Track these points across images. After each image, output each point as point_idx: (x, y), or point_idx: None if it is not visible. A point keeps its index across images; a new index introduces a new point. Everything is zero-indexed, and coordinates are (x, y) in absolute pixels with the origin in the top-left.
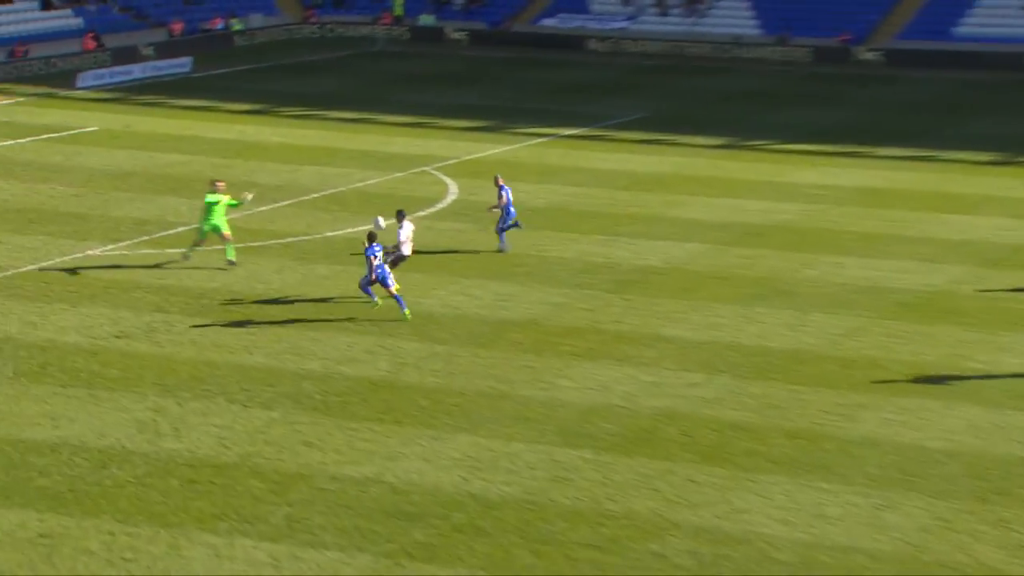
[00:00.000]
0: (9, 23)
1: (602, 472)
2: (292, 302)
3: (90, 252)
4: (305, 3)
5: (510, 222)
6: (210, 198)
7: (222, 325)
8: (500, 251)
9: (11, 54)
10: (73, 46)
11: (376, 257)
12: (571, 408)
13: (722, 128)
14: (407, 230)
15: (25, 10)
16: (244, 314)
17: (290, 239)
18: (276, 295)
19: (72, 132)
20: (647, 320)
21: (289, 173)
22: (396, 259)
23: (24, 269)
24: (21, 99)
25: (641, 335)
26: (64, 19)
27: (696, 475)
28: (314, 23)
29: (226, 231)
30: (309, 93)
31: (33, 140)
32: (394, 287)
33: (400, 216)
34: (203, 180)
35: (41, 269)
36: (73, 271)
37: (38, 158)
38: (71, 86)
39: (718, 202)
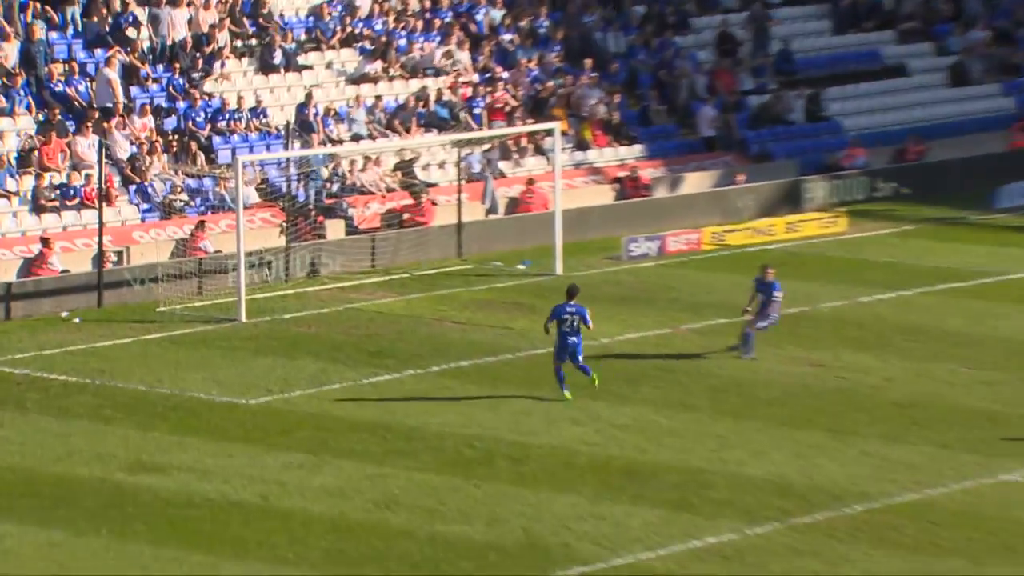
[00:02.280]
0: (906, 104)
1: None
2: None
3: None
4: None
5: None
6: None
7: None
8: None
9: (900, 154)
10: (990, 142)
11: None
12: None
13: None
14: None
15: (925, 87)
16: None
17: None
18: None
19: (982, 281)
20: None
21: None
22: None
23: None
24: (910, 227)
25: None
26: (984, 99)
27: None
28: None
29: None
30: None
31: (922, 291)
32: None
33: None
34: None
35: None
36: None
37: (927, 320)
38: (985, 206)
39: None
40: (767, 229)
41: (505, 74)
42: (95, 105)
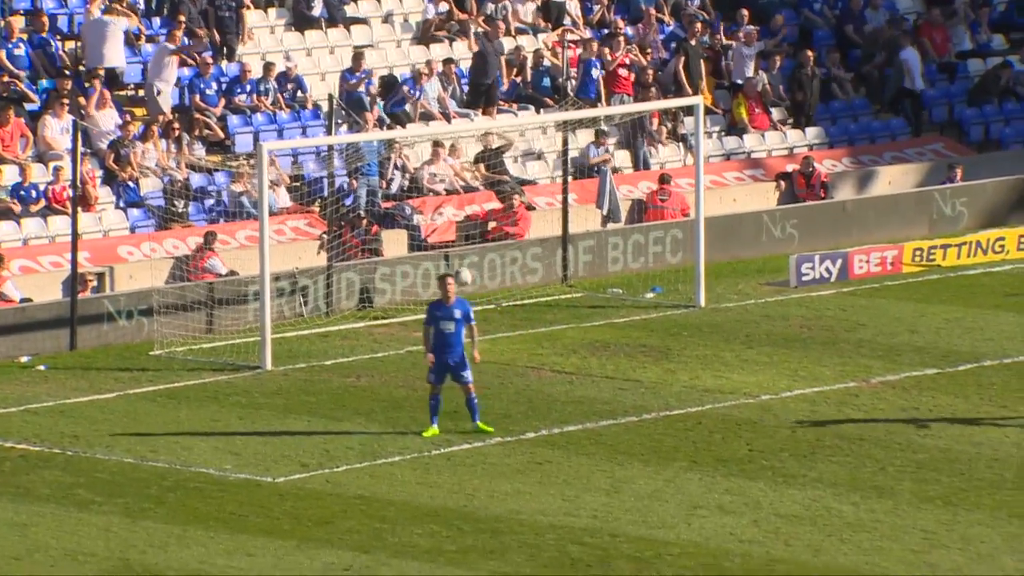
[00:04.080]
0: None
1: None
2: None
3: None
4: None
5: None
6: None
7: None
8: None
9: None
10: None
11: None
12: None
13: None
14: None
15: None
16: None
17: None
18: None
19: None
20: None
21: None
22: None
23: None
24: None
25: None
26: None
27: None
28: None
29: None
30: None
31: None
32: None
33: None
34: None
35: None
36: None
37: None
38: None
39: None
40: (993, 244)
41: (629, 30)
42: (69, 72)
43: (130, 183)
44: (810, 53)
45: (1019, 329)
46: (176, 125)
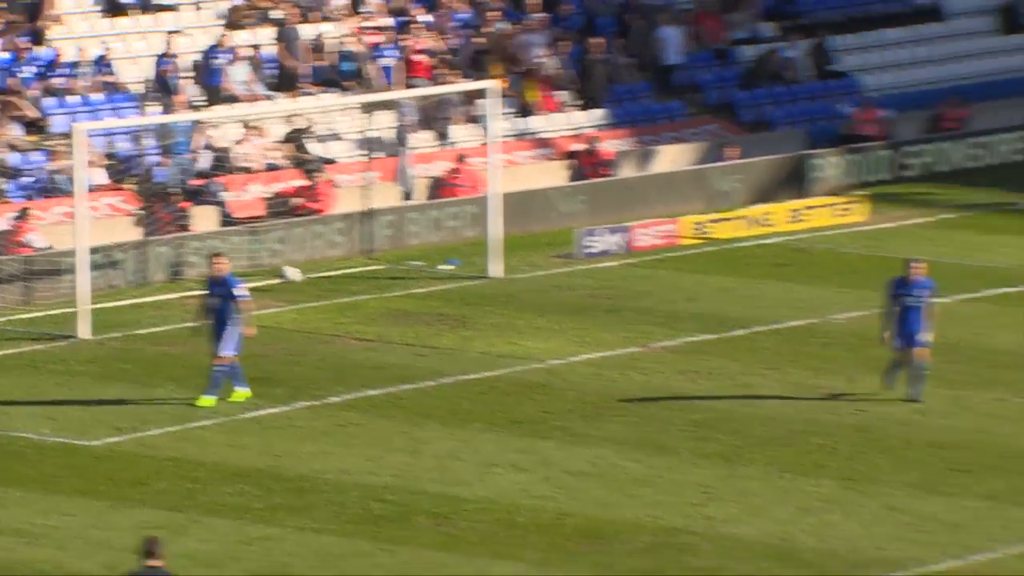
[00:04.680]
0: (941, 57)
1: None
2: None
3: None
4: None
5: None
6: None
7: None
8: None
9: (934, 121)
10: None
11: None
12: None
13: None
14: None
15: (967, 33)
16: None
17: None
18: None
19: None
20: None
21: None
22: None
23: None
24: (948, 215)
25: None
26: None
27: None
28: None
29: None
30: None
31: (964, 299)
32: None
33: None
34: None
35: None
36: None
37: (969, 336)
38: None
39: None
40: (763, 218)
41: (429, 18)
42: None
43: None
44: (595, 40)
45: (787, 296)
46: None
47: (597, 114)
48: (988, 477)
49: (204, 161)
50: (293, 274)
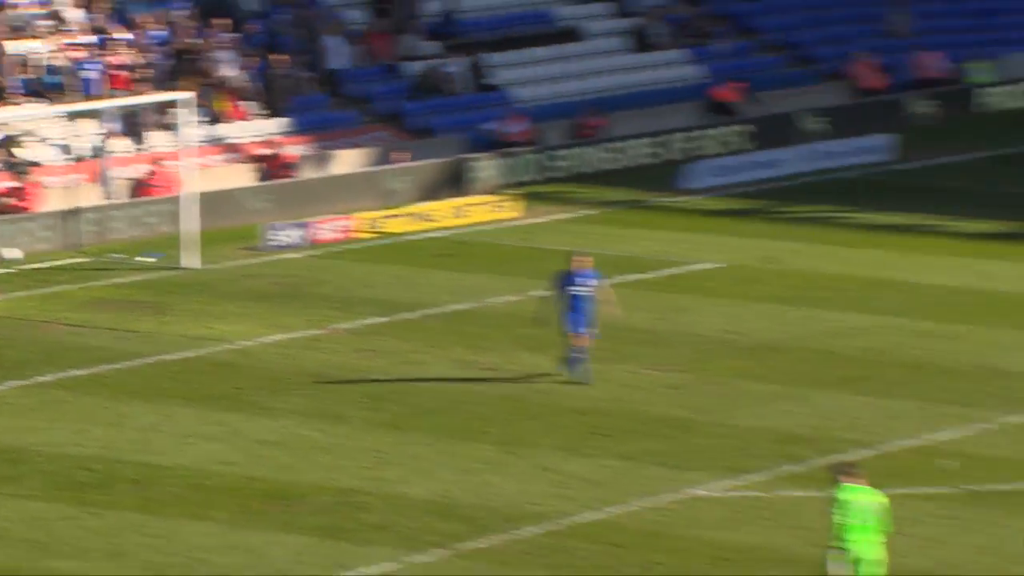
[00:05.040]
0: (581, 72)
1: None
2: None
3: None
4: None
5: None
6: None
7: None
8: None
9: (576, 129)
10: (683, 113)
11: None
12: None
13: None
14: None
15: (604, 52)
16: None
17: None
18: None
19: (673, 271)
20: None
21: None
22: None
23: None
24: (590, 211)
25: None
26: (669, 66)
27: None
28: None
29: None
30: None
31: (616, 280)
32: None
33: None
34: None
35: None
36: None
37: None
38: (671, 187)
39: None
40: (429, 215)
41: (128, 35)
42: None
43: None
44: (277, 56)
45: (451, 283)
46: None
47: (281, 122)
48: (625, 440)
49: None
50: (12, 254)
